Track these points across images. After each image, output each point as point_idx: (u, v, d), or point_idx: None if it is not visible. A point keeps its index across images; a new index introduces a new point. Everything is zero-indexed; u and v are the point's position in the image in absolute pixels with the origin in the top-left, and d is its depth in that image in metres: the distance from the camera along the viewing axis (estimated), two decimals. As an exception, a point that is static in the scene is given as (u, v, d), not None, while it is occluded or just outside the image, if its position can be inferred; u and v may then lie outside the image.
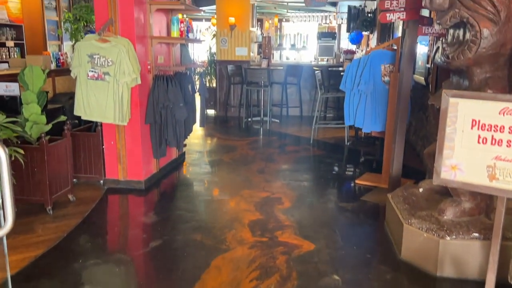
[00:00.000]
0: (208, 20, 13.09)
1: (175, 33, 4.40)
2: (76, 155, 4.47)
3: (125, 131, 4.37)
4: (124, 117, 4.09)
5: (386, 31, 8.10)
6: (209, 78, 9.67)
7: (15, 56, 7.75)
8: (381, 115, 4.73)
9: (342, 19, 11.10)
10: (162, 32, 4.76)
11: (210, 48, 9.80)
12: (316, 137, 6.95)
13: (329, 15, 10.95)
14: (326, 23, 11.51)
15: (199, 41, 4.98)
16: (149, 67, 4.43)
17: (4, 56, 7.48)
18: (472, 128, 2.03)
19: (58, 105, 5.00)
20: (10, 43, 7.80)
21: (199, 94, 5.25)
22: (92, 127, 4.57)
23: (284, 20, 14.86)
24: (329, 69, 8.28)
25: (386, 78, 4.65)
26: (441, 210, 2.99)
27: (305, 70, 8.87)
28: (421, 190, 3.44)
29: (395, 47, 4.62)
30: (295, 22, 10.89)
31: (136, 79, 4.08)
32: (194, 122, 5.46)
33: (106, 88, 3.98)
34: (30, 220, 3.62)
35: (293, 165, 5.49)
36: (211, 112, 9.60)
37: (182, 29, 4.46)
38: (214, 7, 9.15)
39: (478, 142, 2.02)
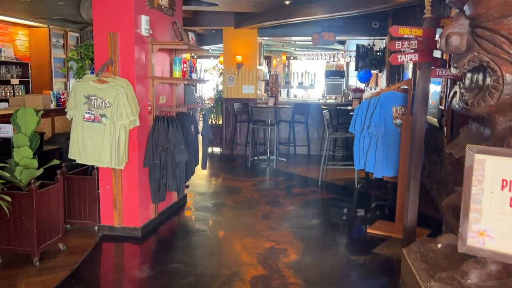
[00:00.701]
0: (216, 57, 13.15)
1: (177, 73, 4.25)
2: (70, 200, 4.24)
3: (122, 175, 4.15)
4: (120, 160, 3.88)
5: (395, 70, 7.94)
6: (215, 115, 9.53)
7: (20, 94, 7.70)
8: (393, 159, 4.47)
9: (350, 57, 11.03)
10: (165, 72, 4.62)
11: (217, 86, 9.73)
12: (325, 178, 6.67)
13: (337, 53, 10.90)
14: (334, 61, 11.46)
15: (202, 81, 4.84)
16: (149, 108, 4.26)
17: (7, 94, 7.42)
18: (502, 189, 1.76)
19: (55, 146, 4.82)
20: (15, 81, 7.77)
21: (202, 136, 5.05)
22: (88, 169, 4.36)
23: (292, 57, 14.91)
24: (337, 108, 8.10)
25: (398, 121, 4.42)
26: (464, 272, 2.66)
27: (313, 109, 8.70)
28: (439, 245, 3.13)
29: (407, 88, 4.41)
30: (303, 60, 10.83)
31: (135, 121, 3.90)
32: (197, 163, 5.24)
33: (103, 130, 3.79)
34: (14, 273, 3.35)
35: (300, 210, 5.20)
36: (216, 150, 9.41)
37: (184, 69, 4.32)
38: (221, 45, 9.13)
39: (511, 205, 1.75)
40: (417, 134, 3.80)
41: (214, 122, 9.58)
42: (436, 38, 3.53)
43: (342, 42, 11.50)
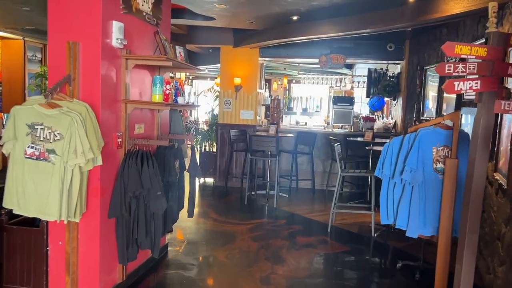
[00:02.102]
0: (213, 79, 12.28)
1: (157, 96, 3.28)
2: (9, 258, 3.21)
3: (78, 228, 3.13)
4: (73, 211, 2.87)
5: (414, 98, 7.04)
6: (209, 142, 8.55)
7: (-16, 113, 6.69)
8: (433, 214, 3.48)
9: (358, 82, 10.16)
10: (144, 94, 3.66)
11: (213, 110, 8.79)
12: (334, 222, 5.65)
13: (344, 78, 10.03)
14: (338, 86, 10.56)
15: (191, 106, 3.87)
16: (119, 140, 3.27)
17: (-32, 113, 6.42)
18: None
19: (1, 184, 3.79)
20: (-20, 98, 6.80)
21: (189, 174, 4.06)
22: (36, 219, 3.34)
23: (294, 81, 14.07)
24: (347, 139, 7.14)
25: (439, 165, 3.45)
26: None
27: (318, 138, 7.75)
28: None
29: (450, 124, 3.46)
30: (306, 83, 9.95)
31: (95, 159, 2.91)
32: (182, 207, 4.23)
33: (50, 171, 2.79)
34: None
35: (307, 270, 4.16)
36: (209, 181, 8.39)
37: (167, 91, 3.36)
38: (218, 65, 8.23)
39: None
40: (476, 188, 2.82)
41: (208, 150, 8.60)
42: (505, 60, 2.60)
43: (349, 66, 10.65)
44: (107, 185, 3.19)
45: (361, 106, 10.86)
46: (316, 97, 8.32)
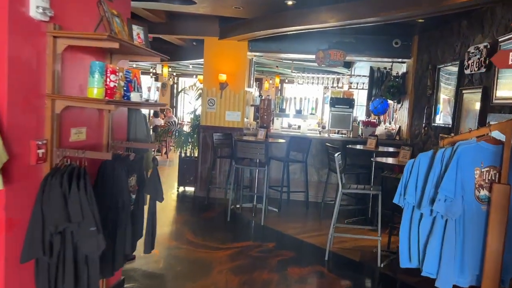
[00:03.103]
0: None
1: (94, 90, 2.33)
2: None
3: (-26, 277, 2.17)
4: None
5: (423, 101, 6.16)
6: (191, 146, 7.59)
7: None
8: (473, 258, 2.57)
9: (357, 83, 9.27)
10: (85, 88, 2.70)
11: (195, 110, 7.82)
12: (332, 247, 4.73)
13: (341, 78, 9.14)
14: (333, 86, 9.66)
15: (150, 105, 2.92)
16: (40, 151, 2.31)
17: None
18: None
19: None
20: None
21: (149, 197, 3.11)
22: None
23: (287, 80, 13.15)
24: (347, 146, 6.23)
25: (483, 193, 2.54)
26: None
27: (314, 144, 6.84)
28: None
29: (499, 137, 2.56)
30: (300, 83, 9.04)
31: (-10, 182, 1.95)
32: (140, 236, 3.27)
33: None
34: None
35: (302, 318, 3.24)
36: (189, 189, 7.44)
37: (112, 83, 2.40)
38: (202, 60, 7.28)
39: None
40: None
41: (189, 155, 7.64)
42: None
43: (347, 65, 9.76)
44: (19, 215, 2.23)
45: (358, 109, 10.00)
46: (311, 98, 7.40)
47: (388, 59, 7.09)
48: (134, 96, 2.70)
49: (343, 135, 7.27)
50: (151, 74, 14.14)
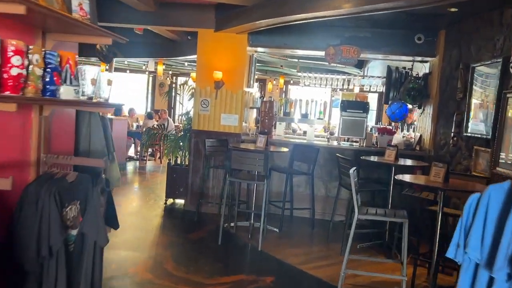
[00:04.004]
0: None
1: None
2: None
3: None
4: None
5: (451, 107, 5.25)
6: (182, 152, 6.70)
7: None
8: None
9: (370, 86, 8.36)
10: None
11: (188, 112, 6.92)
12: (344, 284, 3.82)
13: (352, 79, 8.23)
14: (342, 88, 8.76)
15: (94, 105, 2.04)
16: None
17: None
18: None
19: None
20: None
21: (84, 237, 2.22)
22: None
23: (292, 81, 12.26)
24: (361, 158, 5.32)
25: None
26: None
27: (321, 154, 5.94)
28: None
29: None
30: (306, 84, 8.14)
31: None
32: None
33: None
34: None
35: None
36: (179, 202, 6.55)
37: (16, 71, 1.52)
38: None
39: None
40: None
41: (179, 163, 6.75)
42: None
43: (359, 65, 8.84)
44: None
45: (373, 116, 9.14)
46: (319, 101, 6.50)
47: (408, 57, 6.18)
48: (64, 91, 1.83)
49: (355, 144, 6.35)
50: (147, 73, 13.29)
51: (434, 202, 4.12)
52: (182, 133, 6.70)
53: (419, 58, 6.13)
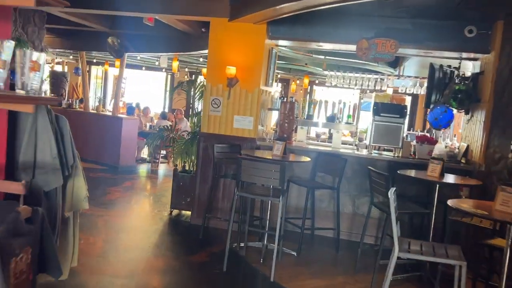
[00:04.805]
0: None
1: None
2: None
3: None
4: None
5: (509, 113, 4.30)
6: (189, 158, 5.94)
7: None
8: None
9: (405, 88, 7.42)
10: None
11: (197, 112, 6.15)
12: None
13: (386, 79, 7.31)
14: (372, 90, 7.85)
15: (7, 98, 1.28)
16: None
17: None
18: None
19: None
20: None
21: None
22: None
23: (317, 81, 11.37)
24: (398, 172, 4.43)
25: None
26: None
27: (349, 164, 5.07)
28: None
29: None
30: (334, 83, 7.29)
31: None
32: None
33: None
34: None
35: None
36: (186, 214, 5.80)
37: None
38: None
39: None
40: None
41: (187, 169, 6.00)
42: None
43: (393, 64, 7.91)
44: None
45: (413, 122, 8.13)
46: (347, 103, 5.63)
47: (455, 53, 5.25)
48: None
49: (389, 154, 5.45)
50: (164, 70, 12.65)
51: (492, 231, 3.23)
52: (189, 136, 5.93)
53: (469, 55, 5.19)
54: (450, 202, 2.89)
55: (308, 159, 4.74)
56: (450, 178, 4.30)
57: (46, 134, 2.06)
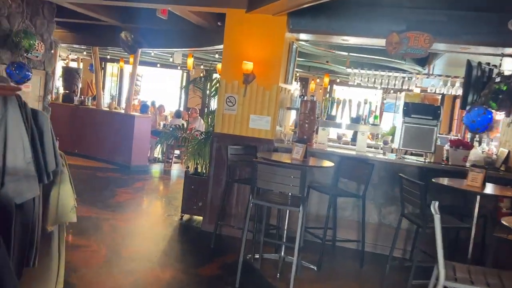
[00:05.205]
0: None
1: None
2: None
3: None
4: None
5: None
6: (202, 159, 5.56)
7: None
8: None
9: (434, 88, 6.91)
10: None
11: (210, 111, 5.76)
12: None
13: (414, 78, 6.80)
14: (401, 89, 7.36)
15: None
16: None
17: None
18: None
19: None
20: None
21: None
22: None
23: (338, 80, 10.88)
24: (432, 181, 3.95)
25: None
26: None
27: (375, 170, 4.61)
28: None
29: None
30: (358, 82, 6.82)
31: None
32: None
33: None
34: None
35: None
36: (197, 219, 5.43)
37: None
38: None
39: None
40: None
41: (200, 171, 5.62)
42: None
43: (422, 62, 7.39)
44: None
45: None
46: (374, 102, 5.18)
47: (495, 48, 4.75)
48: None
49: (419, 159, 4.97)
50: (179, 68, 12.34)
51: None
52: (202, 136, 5.55)
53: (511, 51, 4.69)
54: (505, 221, 2.42)
55: (331, 164, 4.30)
56: (491, 188, 3.82)
57: (17, 133, 1.68)
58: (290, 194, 3.87)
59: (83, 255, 3.97)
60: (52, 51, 6.69)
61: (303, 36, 5.25)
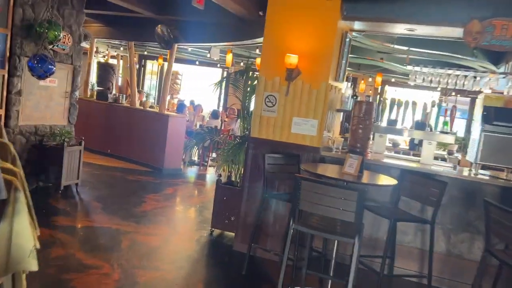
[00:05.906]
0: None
1: None
2: None
3: None
4: None
5: None
6: (236, 166, 4.86)
7: None
8: None
9: (509, 88, 5.83)
10: None
11: (248, 113, 5.03)
12: None
13: (488, 79, 5.76)
14: (471, 90, 6.33)
15: None
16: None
17: None
18: None
19: None
20: None
21: None
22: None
23: (393, 80, 9.85)
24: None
25: None
26: None
27: (448, 189, 3.71)
28: None
29: None
30: (419, 82, 5.87)
31: None
32: None
33: None
34: None
35: None
36: (229, 235, 4.73)
37: None
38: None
39: None
40: None
41: (233, 180, 4.93)
42: None
43: (498, 58, 6.31)
44: None
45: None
46: (444, 105, 4.27)
47: None
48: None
49: (500, 176, 4.01)
50: (219, 65, 11.76)
51: None
52: (237, 140, 4.84)
53: None
54: None
55: (395, 181, 3.46)
56: None
57: None
58: (339, 224, 3.08)
59: (91, 279, 3.36)
60: (82, 45, 6.22)
61: (358, 25, 4.41)
